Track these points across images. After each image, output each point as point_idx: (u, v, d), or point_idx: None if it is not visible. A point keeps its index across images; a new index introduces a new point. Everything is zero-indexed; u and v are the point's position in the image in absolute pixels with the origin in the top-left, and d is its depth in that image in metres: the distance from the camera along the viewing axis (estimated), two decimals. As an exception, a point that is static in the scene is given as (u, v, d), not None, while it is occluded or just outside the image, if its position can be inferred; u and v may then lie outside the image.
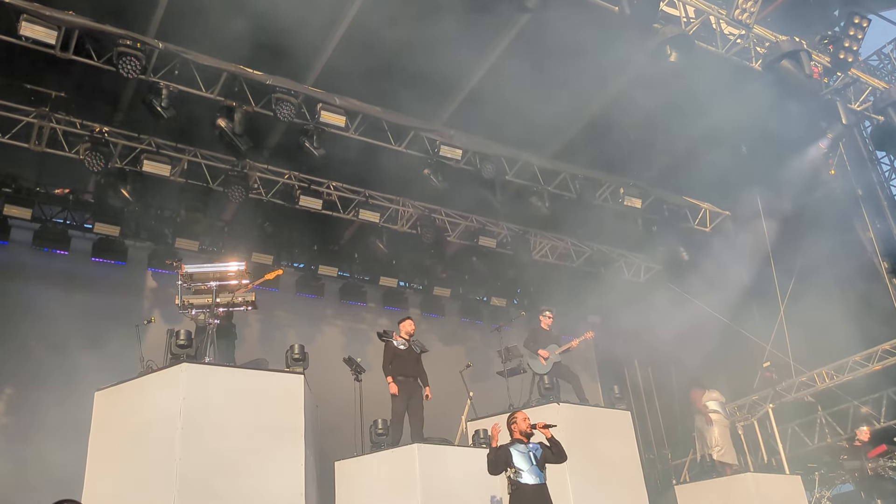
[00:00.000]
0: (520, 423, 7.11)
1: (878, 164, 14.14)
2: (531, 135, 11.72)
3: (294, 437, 7.22)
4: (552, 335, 10.59)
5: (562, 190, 12.72)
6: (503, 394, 10.04)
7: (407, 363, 9.01)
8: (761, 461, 12.64)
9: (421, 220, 12.75)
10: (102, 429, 7.14)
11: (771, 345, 13.37)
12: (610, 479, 9.13)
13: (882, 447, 11.15)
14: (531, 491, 6.92)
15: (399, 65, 9.91)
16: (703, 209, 14.08)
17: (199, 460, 6.53)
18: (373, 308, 13.97)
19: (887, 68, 13.98)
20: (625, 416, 10.08)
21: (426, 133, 11.27)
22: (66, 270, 11.23)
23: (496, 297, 15.15)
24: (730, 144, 12.29)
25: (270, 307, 12.29)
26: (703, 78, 10.45)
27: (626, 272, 15.20)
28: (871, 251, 13.28)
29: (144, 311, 11.26)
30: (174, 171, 10.73)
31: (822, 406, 13.58)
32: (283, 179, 11.72)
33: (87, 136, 10.10)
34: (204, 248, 12.17)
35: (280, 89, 10.00)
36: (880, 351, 12.49)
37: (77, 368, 9.20)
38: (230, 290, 7.86)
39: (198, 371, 7.10)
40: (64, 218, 11.51)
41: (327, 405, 9.09)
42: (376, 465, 8.17)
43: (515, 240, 13.75)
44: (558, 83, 10.37)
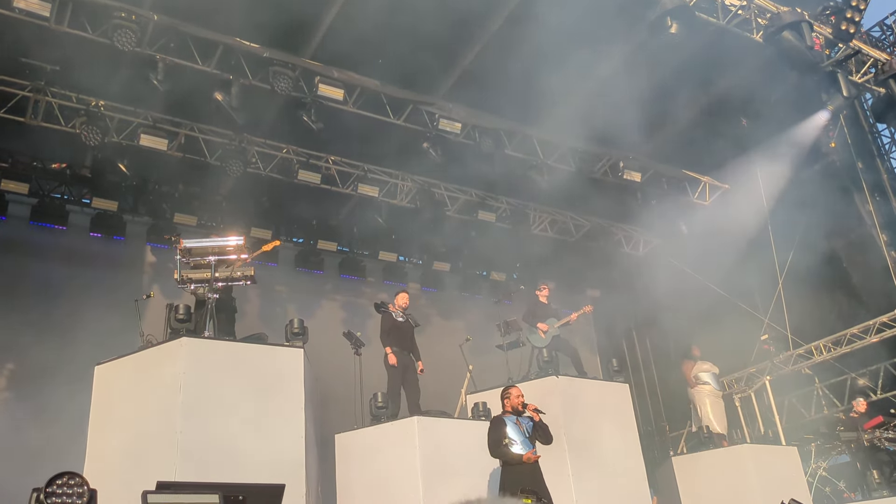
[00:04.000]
0: (513, 399, 7.27)
1: (879, 136, 14.11)
2: (530, 108, 11.65)
3: (294, 411, 7.26)
4: (551, 309, 10.62)
5: (561, 163, 12.68)
6: (502, 367, 10.09)
7: (404, 335, 9.04)
8: (758, 433, 12.74)
9: (420, 195, 12.72)
10: (103, 403, 7.17)
11: (769, 317, 13.43)
12: (608, 452, 9.20)
13: (878, 418, 11.23)
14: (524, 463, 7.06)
15: (397, 38, 9.82)
16: (702, 182, 14.05)
17: (199, 434, 6.57)
18: (372, 283, 13.99)
19: (889, 39, 13.88)
20: (623, 388, 10.14)
21: (425, 106, 11.21)
22: (65, 245, 11.21)
23: (495, 272, 15.17)
24: (730, 117, 12.23)
25: (270, 282, 12.31)
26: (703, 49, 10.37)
27: (626, 246, 15.21)
28: (869, 224, 13.29)
29: (143, 285, 11.27)
30: (171, 146, 10.67)
31: (819, 378, 13.67)
32: (281, 154, 11.67)
33: (83, 109, 10.04)
34: (202, 223, 12.15)
35: (277, 62, 9.93)
36: (878, 323, 12.54)
37: (76, 343, 9.22)
38: (229, 264, 7.86)
39: (197, 345, 7.13)
40: (61, 193, 11.47)
41: (327, 379, 9.15)
42: (376, 438, 8.24)
43: (515, 214, 13.73)
44: (557, 56, 10.28)
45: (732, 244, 13.10)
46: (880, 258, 13.01)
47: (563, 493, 8.05)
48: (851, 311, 12.66)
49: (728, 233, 13.13)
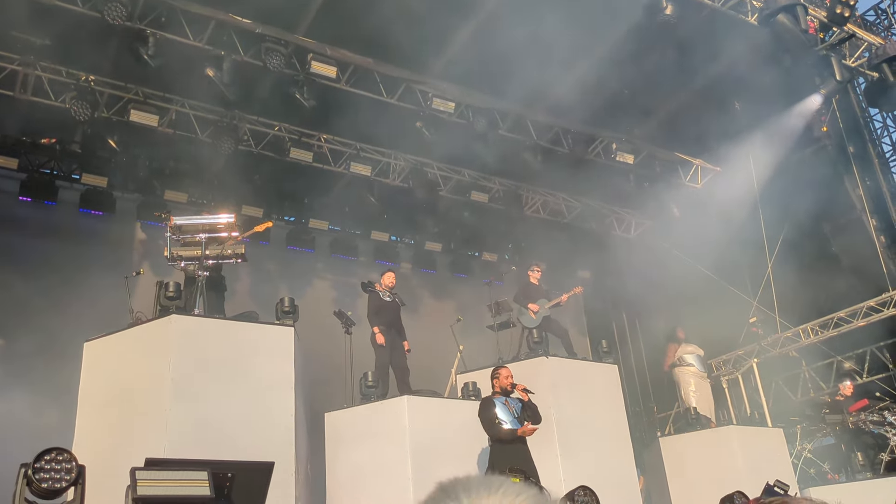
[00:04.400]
0: (502, 379, 7.34)
1: (871, 121, 14.13)
2: (524, 89, 11.60)
3: (284, 389, 7.28)
4: (542, 290, 10.65)
5: (554, 145, 12.66)
6: (493, 347, 10.13)
7: (391, 314, 9.05)
8: (745, 414, 12.86)
9: (413, 174, 12.69)
10: (92, 379, 7.17)
11: (758, 300, 13.50)
12: (596, 432, 9.27)
13: (864, 401, 11.34)
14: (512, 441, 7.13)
15: (391, 15, 9.74)
16: (694, 165, 14.06)
17: (188, 411, 6.58)
18: (363, 262, 13.97)
19: (884, 23, 13.86)
20: (612, 369, 10.20)
21: (418, 85, 11.16)
22: (54, 221, 11.16)
23: (487, 252, 15.19)
24: (723, 100, 12.22)
25: (261, 260, 12.27)
26: (697, 31, 10.34)
27: (617, 228, 15.24)
28: (859, 208, 13.35)
29: (133, 262, 11.24)
30: (162, 122, 10.61)
31: (806, 361, 13.79)
32: (273, 131, 11.61)
33: (73, 84, 9.96)
34: (193, 200, 12.10)
35: (270, 38, 9.85)
36: (865, 307, 12.63)
37: (66, 319, 9.21)
38: (220, 242, 7.84)
39: (187, 323, 7.12)
40: (51, 168, 11.40)
41: (317, 358, 9.16)
42: (366, 417, 8.28)
43: (507, 195, 13.73)
44: (552, 36, 10.23)
45: (723, 227, 13.14)
46: (869, 242, 13.08)
47: (551, 472, 8.12)
48: (839, 294, 12.74)
49: (719, 215, 13.17)
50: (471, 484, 0.94)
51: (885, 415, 10.93)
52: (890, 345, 12.98)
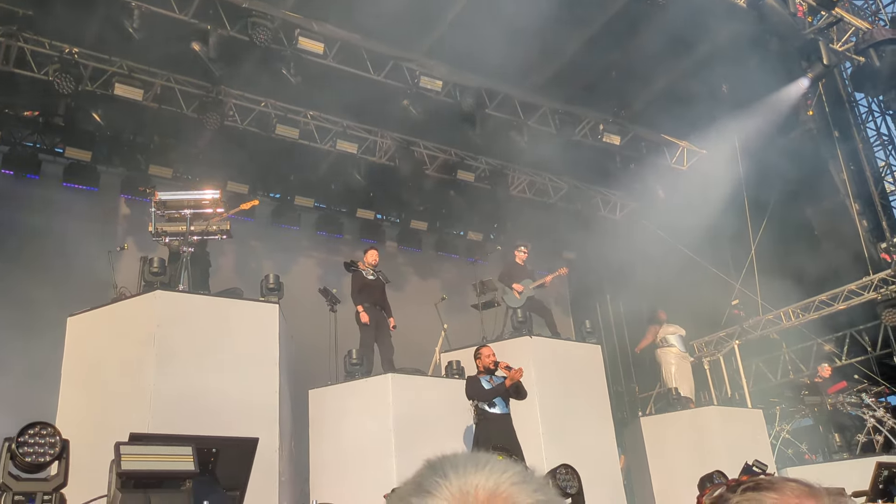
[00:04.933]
0: (484, 359, 7.41)
1: (857, 105, 14.20)
2: (512, 68, 11.56)
3: (268, 366, 7.29)
4: (527, 270, 10.69)
5: (541, 125, 12.64)
6: (477, 326, 10.18)
7: (375, 292, 9.07)
8: (725, 395, 13.01)
9: (399, 153, 12.65)
10: (75, 354, 7.15)
11: (740, 283, 13.62)
12: (578, 411, 9.36)
13: (842, 383, 11.52)
14: (497, 420, 7.22)
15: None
16: (680, 147, 14.09)
17: (172, 387, 6.59)
18: (349, 240, 13.96)
19: (871, 8, 13.89)
20: (595, 349, 10.27)
21: (406, 63, 11.09)
22: (37, 195, 11.05)
23: (473, 231, 15.21)
24: (710, 82, 12.23)
25: (246, 237, 12.24)
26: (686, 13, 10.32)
27: (603, 209, 15.28)
28: (843, 193, 13.46)
29: (117, 237, 11.18)
30: (147, 96, 10.50)
31: (786, 343, 13.95)
32: (259, 107, 11.51)
33: (57, 56, 9.82)
34: (178, 175, 12.01)
35: (256, 13, 9.74)
36: (846, 291, 12.78)
37: (49, 294, 9.15)
38: (205, 218, 7.80)
39: (171, 298, 7.11)
40: (34, 141, 11.28)
41: (302, 335, 9.17)
42: (350, 394, 8.32)
43: (493, 174, 13.72)
44: (541, 15, 10.18)
45: (708, 209, 13.22)
46: (852, 227, 13.20)
47: (534, 451, 8.20)
48: (821, 278, 12.87)
49: (704, 198, 13.23)
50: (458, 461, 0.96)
51: (863, 397, 11.11)
52: (869, 328, 13.15)
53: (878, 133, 14.06)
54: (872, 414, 10.94)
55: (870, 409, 11.02)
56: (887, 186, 13.64)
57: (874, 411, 10.98)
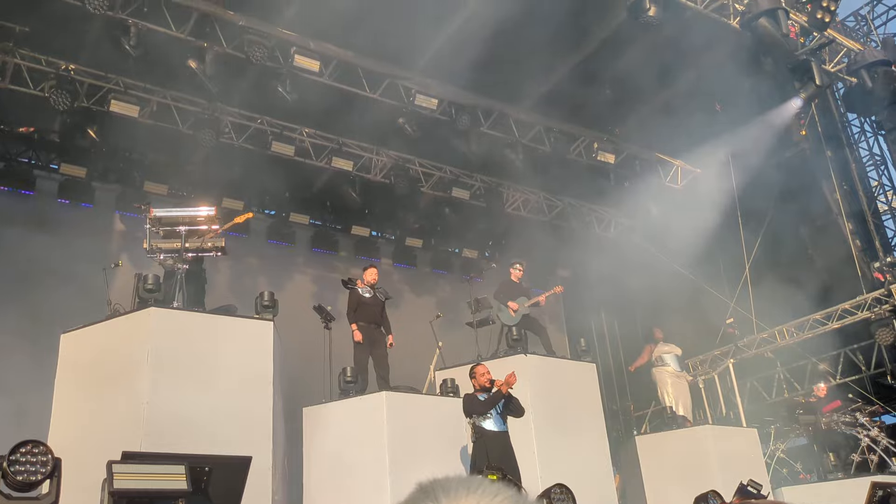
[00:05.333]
0: (479, 377, 7.39)
1: (849, 126, 14.31)
2: (507, 87, 11.64)
3: (262, 384, 7.26)
4: (522, 288, 10.68)
5: (536, 143, 12.70)
6: (472, 344, 10.15)
7: (371, 311, 9.04)
8: (720, 414, 13.00)
9: (394, 170, 12.68)
10: (69, 371, 7.10)
11: (735, 301, 13.64)
12: (573, 430, 9.33)
13: (836, 402, 11.51)
14: (494, 438, 7.17)
15: (375, 9, 9.72)
16: (674, 166, 14.16)
17: (166, 404, 6.55)
18: (344, 257, 13.96)
19: (863, 30, 14.03)
20: (590, 368, 10.26)
21: (401, 81, 11.14)
22: (32, 211, 11.04)
23: (468, 249, 15.22)
24: (704, 101, 12.32)
25: (241, 254, 12.23)
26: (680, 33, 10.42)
27: (597, 227, 15.31)
28: (836, 212, 13.52)
29: (112, 254, 11.12)
30: (143, 113, 10.52)
31: (781, 362, 13.95)
32: (254, 124, 11.54)
33: (53, 73, 9.85)
34: (173, 192, 12.01)
35: (253, 31, 9.79)
36: (840, 310, 12.80)
37: (43, 310, 9.13)
38: (200, 234, 7.79)
39: (165, 315, 7.07)
40: (29, 157, 11.27)
41: (297, 352, 9.14)
42: (344, 412, 8.27)
43: (488, 192, 13.76)
44: (536, 35, 10.26)
45: (702, 228, 13.26)
46: (845, 246, 13.25)
47: (528, 469, 8.15)
48: (815, 297, 12.91)
49: (698, 216, 13.28)
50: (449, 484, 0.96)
51: (857, 416, 11.09)
52: (863, 347, 13.17)
53: (871, 153, 14.16)
54: (867, 433, 10.93)
55: (864, 428, 11.00)
56: (880, 206, 13.72)
57: (869, 431, 10.96)
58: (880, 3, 14.04)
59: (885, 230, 13.65)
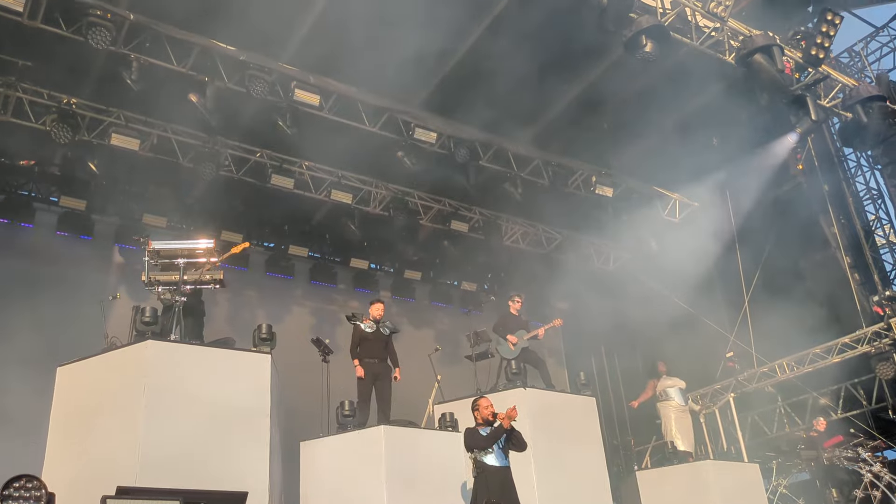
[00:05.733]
0: (482, 411, 7.30)
1: (845, 160, 14.40)
2: (506, 120, 11.73)
3: (259, 417, 7.18)
4: (521, 320, 10.65)
5: (535, 176, 12.77)
6: (471, 378, 10.08)
7: (374, 346, 9.01)
8: (721, 449, 12.88)
9: (393, 203, 12.73)
10: (64, 405, 7.03)
11: (734, 335, 13.61)
12: (573, 464, 9.24)
13: (838, 438, 11.43)
14: (496, 473, 7.07)
15: (375, 45, 9.83)
16: (672, 199, 14.22)
17: (162, 438, 6.47)
18: (343, 289, 13.95)
19: (857, 66, 14.20)
20: (590, 402, 10.19)
21: (401, 115, 11.23)
22: (31, 243, 11.05)
23: (467, 282, 15.21)
24: (701, 135, 12.41)
25: (239, 286, 12.22)
26: (676, 68, 10.54)
27: (596, 260, 15.33)
28: (834, 246, 13.55)
29: (110, 286, 11.10)
30: (143, 146, 10.58)
31: (781, 396, 13.87)
32: (254, 157, 11.60)
33: (55, 107, 9.93)
34: (172, 225, 12.04)
35: (254, 66, 9.89)
36: (840, 344, 12.75)
37: (39, 343, 9.08)
38: (198, 267, 7.78)
39: (163, 348, 7.02)
40: (29, 190, 11.31)
41: (294, 385, 9.08)
42: (342, 447, 8.18)
43: (487, 225, 13.80)
44: (534, 70, 10.38)
45: (701, 261, 13.28)
46: (844, 280, 13.26)
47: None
48: (815, 331, 12.86)
49: (697, 250, 13.31)
50: None
51: (860, 451, 11.01)
52: (864, 381, 13.09)
53: (867, 187, 14.23)
54: (869, 469, 10.83)
55: (866, 463, 10.91)
56: (878, 239, 13.74)
57: (871, 466, 10.87)
58: (874, 40, 14.22)
59: (884, 263, 13.66)
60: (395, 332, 9.38)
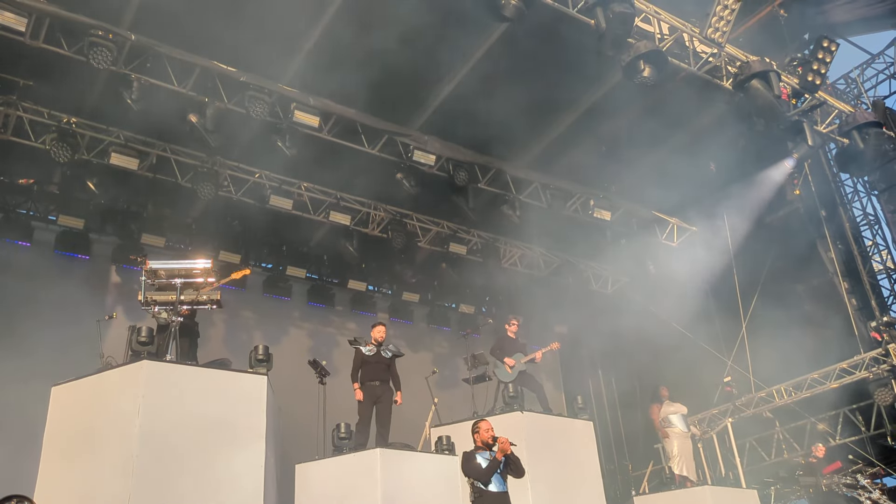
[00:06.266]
0: (482, 434, 7.21)
1: (842, 185, 14.43)
2: (504, 144, 11.78)
3: (255, 439, 7.13)
4: (518, 344, 10.62)
5: (533, 199, 12.79)
6: (468, 401, 10.04)
7: (375, 369, 9.02)
8: (719, 474, 12.78)
9: (392, 225, 12.73)
10: (58, 424, 6.98)
11: (732, 360, 13.56)
12: (570, 489, 9.17)
13: (837, 464, 11.35)
14: (494, 498, 6.99)
15: (374, 68, 9.89)
16: (670, 224, 14.24)
17: (156, 459, 6.42)
18: (340, 311, 13.91)
19: (853, 92, 14.29)
20: (587, 426, 10.13)
21: (400, 137, 11.27)
22: (28, 262, 11.02)
23: (464, 304, 15.18)
24: (699, 160, 12.46)
25: (236, 307, 12.18)
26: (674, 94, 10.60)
27: (594, 283, 15.32)
28: (831, 271, 13.54)
29: (107, 306, 11.09)
30: (142, 166, 10.60)
31: (779, 422, 13.78)
32: (253, 178, 11.62)
33: (55, 126, 9.96)
34: (170, 245, 12.03)
35: (254, 87, 9.93)
36: (838, 369, 12.71)
37: (34, 362, 9.02)
38: (195, 287, 7.75)
39: (158, 369, 6.98)
40: (27, 209, 11.31)
41: (291, 407, 9.03)
42: (337, 469, 8.12)
43: (485, 248, 13.80)
44: (533, 93, 10.44)
45: (698, 286, 13.27)
46: (841, 305, 13.23)
47: (525, 530, 7.99)
48: (812, 356, 12.82)
49: (694, 274, 13.30)
50: None
51: (858, 478, 10.93)
52: (863, 407, 13.03)
53: (864, 212, 14.26)
54: (868, 496, 10.75)
55: (865, 490, 10.83)
56: (875, 265, 13.74)
57: (870, 493, 10.79)
58: (870, 67, 14.33)
59: (881, 289, 13.64)
60: (398, 355, 9.36)
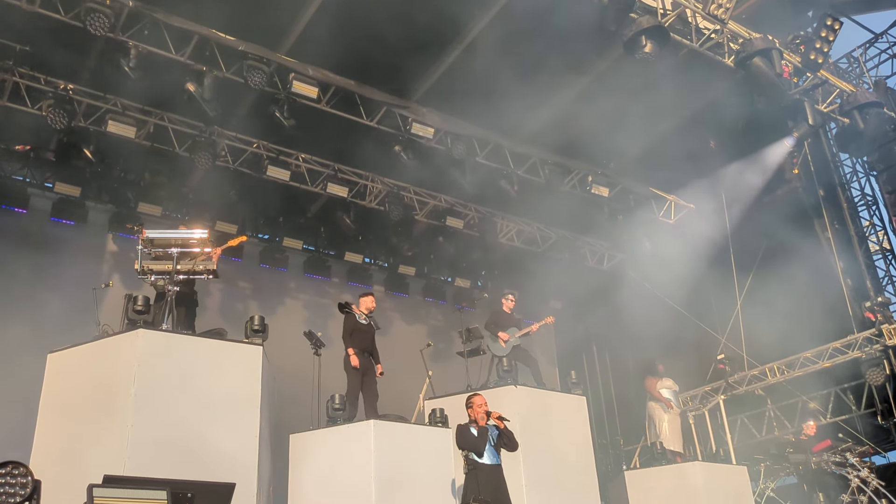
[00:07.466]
0: (476, 408, 7.27)
1: (841, 165, 14.43)
2: (503, 118, 11.72)
3: (249, 409, 7.18)
4: (513, 318, 10.65)
5: (531, 174, 12.77)
6: (462, 374, 10.09)
7: (366, 338, 8.96)
8: (710, 450, 12.91)
9: (389, 198, 12.71)
10: (54, 392, 7.02)
11: (726, 337, 13.64)
12: (562, 463, 9.25)
13: (827, 442, 11.46)
14: (488, 471, 7.07)
15: (375, 39, 9.81)
16: (668, 201, 14.23)
17: (151, 427, 6.47)
18: (336, 283, 13.93)
19: (856, 71, 14.21)
20: (580, 401, 10.19)
21: (399, 110, 11.22)
22: (24, 229, 11.00)
23: (460, 278, 15.22)
24: (699, 138, 12.43)
25: (233, 277, 12.20)
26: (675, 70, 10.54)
27: (590, 259, 15.35)
28: (827, 251, 13.58)
29: (103, 274, 11.10)
30: (140, 134, 10.55)
31: (771, 399, 13.91)
32: (251, 148, 11.58)
33: (51, 92, 9.89)
34: (167, 214, 12.01)
35: (252, 56, 9.86)
36: (831, 349, 12.80)
37: (30, 329, 9.06)
38: (192, 257, 7.75)
39: (154, 337, 7.01)
40: (24, 175, 11.27)
41: (285, 378, 9.07)
42: (331, 440, 8.17)
43: (482, 222, 13.79)
44: (533, 67, 10.37)
45: (694, 263, 13.30)
46: (836, 285, 13.29)
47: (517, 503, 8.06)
48: (806, 335, 12.90)
49: (691, 252, 13.33)
50: None
51: (847, 456, 11.04)
52: (854, 387, 13.15)
53: (862, 193, 14.26)
54: (857, 474, 10.87)
55: (854, 468, 10.94)
56: (871, 246, 13.78)
57: (858, 471, 10.90)
58: (872, 47, 14.24)
59: (877, 270, 13.70)
60: (378, 328, 9.36)
